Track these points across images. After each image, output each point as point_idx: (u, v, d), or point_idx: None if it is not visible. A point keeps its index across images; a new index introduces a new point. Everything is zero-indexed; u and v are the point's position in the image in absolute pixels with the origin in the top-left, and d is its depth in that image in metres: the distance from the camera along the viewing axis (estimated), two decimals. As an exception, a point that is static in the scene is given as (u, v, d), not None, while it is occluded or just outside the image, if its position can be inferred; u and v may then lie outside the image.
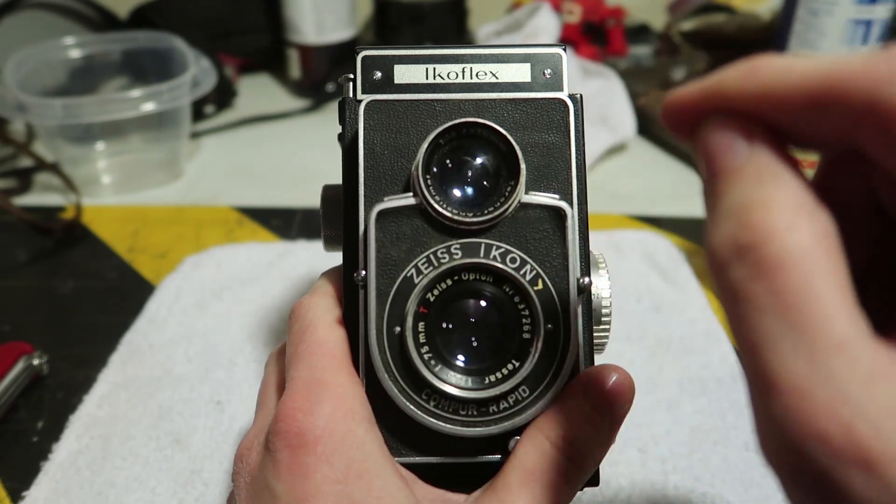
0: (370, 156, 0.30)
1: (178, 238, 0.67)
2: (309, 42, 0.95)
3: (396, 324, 0.29)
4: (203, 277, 0.60)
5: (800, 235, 0.18)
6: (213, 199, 0.74)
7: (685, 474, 0.42)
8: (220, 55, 0.94)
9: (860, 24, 0.69)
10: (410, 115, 0.31)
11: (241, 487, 0.28)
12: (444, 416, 0.28)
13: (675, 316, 0.55)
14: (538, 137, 0.31)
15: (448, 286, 0.29)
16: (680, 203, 0.73)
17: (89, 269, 0.63)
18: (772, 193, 0.19)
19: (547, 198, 0.30)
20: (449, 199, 0.29)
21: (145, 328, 0.54)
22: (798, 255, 0.17)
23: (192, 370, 0.50)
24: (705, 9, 1.00)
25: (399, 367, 0.29)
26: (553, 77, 0.32)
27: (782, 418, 0.17)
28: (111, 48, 0.82)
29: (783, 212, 0.18)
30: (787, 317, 0.17)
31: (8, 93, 0.70)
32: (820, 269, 0.17)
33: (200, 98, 0.77)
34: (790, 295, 0.17)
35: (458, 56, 0.32)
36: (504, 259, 0.29)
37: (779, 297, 0.17)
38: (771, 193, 0.19)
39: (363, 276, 0.29)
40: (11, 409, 0.47)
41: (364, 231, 0.30)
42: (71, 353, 0.52)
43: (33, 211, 0.71)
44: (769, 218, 0.18)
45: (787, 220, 0.18)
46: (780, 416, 0.17)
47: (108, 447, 0.44)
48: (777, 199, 0.18)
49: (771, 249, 0.17)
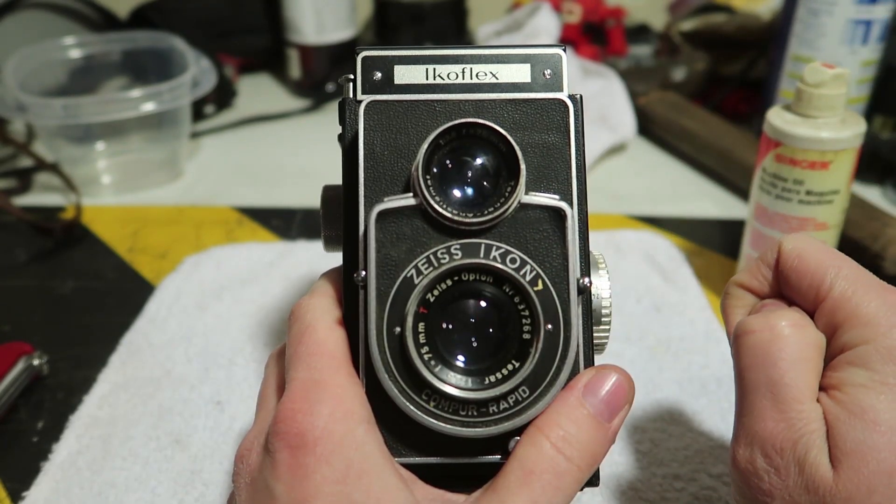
0: (370, 156, 0.30)
1: (178, 238, 0.67)
2: (309, 42, 0.95)
3: (396, 324, 0.29)
4: (203, 277, 0.60)
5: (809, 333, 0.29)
6: (213, 199, 0.74)
7: (685, 475, 0.42)
8: (220, 55, 0.94)
9: (860, 24, 0.69)
10: (410, 115, 0.31)
11: (242, 488, 0.28)
12: (444, 416, 0.28)
13: (675, 316, 0.55)
14: (538, 138, 0.31)
15: (448, 287, 0.28)
16: (680, 203, 0.73)
17: (89, 269, 0.63)
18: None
19: (547, 198, 0.30)
20: (449, 199, 0.29)
21: (145, 328, 0.54)
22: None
23: (192, 370, 0.50)
24: (705, 9, 1.00)
25: (399, 368, 0.29)
26: (553, 77, 0.32)
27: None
28: (111, 48, 0.82)
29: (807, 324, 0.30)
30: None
31: (8, 93, 0.70)
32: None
33: (200, 98, 0.77)
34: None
35: (458, 56, 0.32)
36: (504, 259, 0.29)
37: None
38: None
39: (363, 277, 0.29)
40: (11, 409, 0.47)
41: (364, 231, 0.29)
42: (71, 353, 0.52)
43: (33, 211, 0.71)
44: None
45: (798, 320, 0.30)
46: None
47: (108, 447, 0.44)
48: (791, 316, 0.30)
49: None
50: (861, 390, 0.27)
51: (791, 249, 0.32)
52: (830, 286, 0.30)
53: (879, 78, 0.74)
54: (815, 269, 0.30)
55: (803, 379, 0.28)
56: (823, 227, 0.51)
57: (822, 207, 0.50)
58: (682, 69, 0.89)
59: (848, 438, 0.26)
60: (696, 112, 0.81)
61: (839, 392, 0.28)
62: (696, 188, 0.76)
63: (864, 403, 0.26)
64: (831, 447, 0.27)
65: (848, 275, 0.30)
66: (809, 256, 0.31)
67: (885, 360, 0.27)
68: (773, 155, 0.50)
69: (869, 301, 0.28)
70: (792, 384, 0.28)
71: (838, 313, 0.29)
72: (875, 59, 0.72)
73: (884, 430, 0.26)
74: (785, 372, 0.28)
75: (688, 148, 0.80)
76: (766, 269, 0.33)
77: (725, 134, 0.76)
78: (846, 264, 0.30)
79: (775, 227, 0.51)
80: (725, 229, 0.68)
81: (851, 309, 0.29)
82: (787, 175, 0.50)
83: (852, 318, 0.28)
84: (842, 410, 0.27)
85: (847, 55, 0.70)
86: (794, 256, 0.31)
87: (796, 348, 0.29)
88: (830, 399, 0.28)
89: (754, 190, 0.53)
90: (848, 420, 0.26)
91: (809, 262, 0.31)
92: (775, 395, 0.28)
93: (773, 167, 0.50)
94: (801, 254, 0.31)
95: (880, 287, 0.29)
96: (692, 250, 0.64)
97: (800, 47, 0.72)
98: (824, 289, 0.30)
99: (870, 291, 0.29)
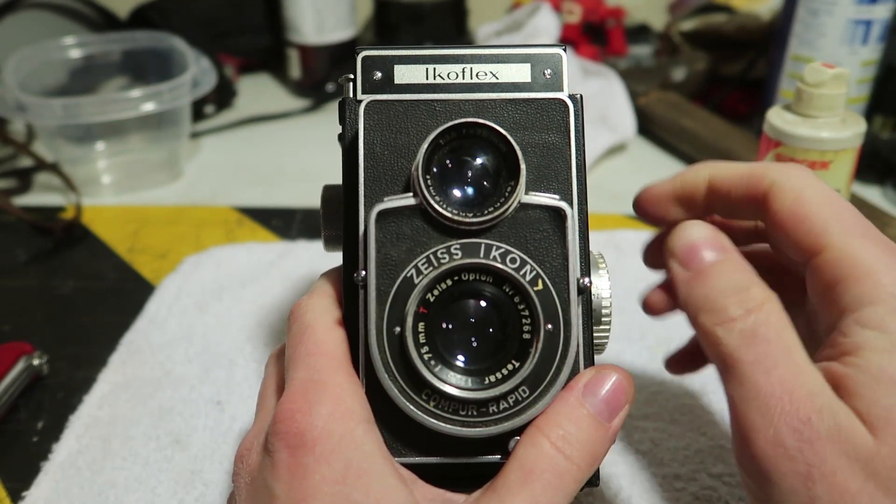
0: (370, 156, 0.30)
1: (178, 238, 0.67)
2: (309, 42, 0.95)
3: (396, 324, 0.29)
4: (203, 277, 0.60)
5: (775, 306, 0.27)
6: (212, 199, 0.74)
7: (685, 475, 0.42)
8: (220, 55, 0.94)
9: (860, 24, 0.69)
10: (410, 115, 0.31)
11: (242, 488, 0.28)
12: (444, 416, 0.28)
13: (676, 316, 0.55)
14: (538, 137, 0.31)
15: (448, 286, 0.29)
16: (680, 203, 0.73)
17: (89, 269, 0.63)
18: (753, 277, 0.28)
19: (547, 198, 0.30)
20: (449, 199, 0.29)
21: (145, 328, 0.54)
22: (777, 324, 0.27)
23: (192, 370, 0.50)
24: (705, 9, 0.99)
25: (399, 368, 0.29)
26: (553, 77, 0.32)
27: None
28: (111, 48, 0.82)
29: (763, 289, 0.28)
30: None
31: (8, 93, 0.70)
32: (788, 330, 0.27)
33: (200, 98, 0.77)
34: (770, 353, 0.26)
35: (458, 56, 0.32)
36: (504, 259, 0.29)
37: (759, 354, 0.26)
38: (753, 277, 0.28)
39: (363, 276, 0.29)
40: (11, 409, 0.47)
41: (364, 231, 0.29)
42: (71, 353, 0.52)
43: (33, 211, 0.71)
44: (757, 294, 0.27)
45: (766, 295, 0.27)
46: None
47: (108, 447, 0.44)
48: (757, 281, 0.28)
49: (761, 316, 0.27)
50: (883, 355, 0.25)
51: (791, 189, 0.29)
52: (830, 236, 0.27)
53: (879, 78, 0.74)
54: (816, 214, 0.28)
55: (800, 351, 0.26)
56: (823, 226, 0.51)
57: (822, 207, 0.50)
58: (682, 69, 0.89)
59: (880, 404, 0.24)
60: (696, 112, 0.81)
61: (855, 357, 0.25)
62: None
63: (891, 368, 0.25)
64: (861, 414, 0.25)
65: (850, 225, 0.27)
66: (810, 199, 0.28)
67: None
68: (773, 155, 0.50)
69: (876, 256, 0.26)
70: (797, 355, 0.26)
71: (839, 267, 0.27)
72: (875, 59, 0.72)
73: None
74: (780, 347, 0.26)
75: (688, 148, 0.80)
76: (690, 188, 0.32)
77: (725, 134, 0.76)
78: (848, 212, 0.28)
79: (775, 227, 0.51)
80: (725, 229, 0.68)
81: (856, 264, 0.26)
82: (787, 175, 0.50)
83: (857, 274, 0.26)
84: (866, 376, 0.25)
85: (847, 55, 0.70)
86: (793, 197, 0.28)
87: (781, 317, 0.27)
88: (845, 366, 0.26)
89: (754, 190, 0.53)
90: (876, 386, 0.25)
91: (811, 205, 0.28)
92: (778, 368, 0.26)
93: (773, 167, 0.50)
94: (800, 195, 0.28)
95: (883, 240, 0.27)
96: (692, 250, 0.64)
97: (800, 47, 0.72)
98: (823, 239, 0.27)
99: (876, 245, 0.27)
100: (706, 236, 0.29)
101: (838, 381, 0.26)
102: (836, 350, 0.27)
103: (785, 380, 0.25)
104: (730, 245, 0.29)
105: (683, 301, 0.29)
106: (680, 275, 0.29)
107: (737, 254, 0.29)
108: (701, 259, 0.28)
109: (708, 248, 0.29)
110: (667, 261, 0.30)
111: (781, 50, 0.75)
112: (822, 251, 0.27)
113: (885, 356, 0.25)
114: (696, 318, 0.28)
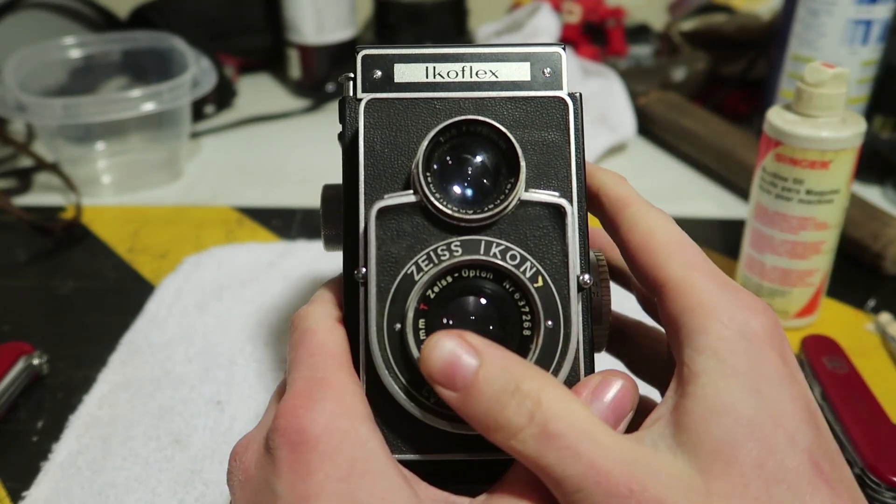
0: (370, 154, 0.30)
1: (178, 238, 0.67)
2: (309, 42, 0.95)
3: (397, 321, 0.29)
4: (203, 277, 0.60)
5: (552, 392, 0.26)
6: (212, 199, 0.74)
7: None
8: (220, 55, 0.94)
9: (860, 24, 0.69)
10: (410, 113, 0.31)
11: (236, 487, 0.28)
12: (445, 413, 0.28)
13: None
14: (538, 135, 0.31)
15: (448, 283, 0.29)
16: (680, 203, 0.73)
17: (89, 269, 0.63)
18: (518, 369, 0.26)
19: (547, 195, 0.30)
20: (449, 196, 0.29)
21: (145, 328, 0.54)
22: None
23: (192, 370, 0.50)
24: (705, 9, 1.00)
25: (400, 365, 0.29)
26: (552, 76, 0.32)
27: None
28: (111, 48, 0.82)
29: (533, 379, 0.26)
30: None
31: (8, 93, 0.70)
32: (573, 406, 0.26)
33: (200, 98, 0.77)
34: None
35: (458, 55, 0.32)
36: (504, 256, 0.29)
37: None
38: (518, 370, 0.26)
39: (363, 274, 0.29)
40: (11, 409, 0.47)
41: (364, 228, 0.30)
42: (71, 353, 0.52)
43: (33, 211, 0.71)
44: (531, 389, 0.26)
45: (539, 383, 0.26)
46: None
47: (108, 447, 0.44)
48: (523, 372, 0.26)
49: (544, 413, 0.25)
50: (719, 382, 0.25)
51: (646, 226, 0.30)
52: (672, 270, 0.28)
53: (879, 78, 0.74)
54: (662, 248, 0.29)
55: (597, 424, 0.26)
56: (823, 226, 0.51)
57: (822, 207, 0.50)
58: (682, 69, 0.89)
59: (712, 435, 0.25)
60: (696, 112, 0.81)
61: (693, 386, 0.26)
62: (696, 188, 0.76)
63: (725, 398, 0.25)
64: (693, 452, 0.25)
65: (690, 261, 0.29)
66: (658, 235, 0.30)
67: (730, 349, 0.26)
68: (773, 154, 0.50)
69: (711, 288, 0.27)
70: (595, 431, 0.26)
71: (679, 299, 0.28)
72: (875, 59, 0.72)
73: (745, 422, 0.25)
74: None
75: (688, 148, 0.80)
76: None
77: (725, 134, 0.76)
78: (691, 249, 0.29)
79: (775, 227, 0.51)
80: (725, 229, 0.68)
81: (693, 295, 0.27)
82: (787, 174, 0.50)
83: (693, 304, 0.27)
84: (700, 407, 0.25)
85: (847, 55, 0.70)
86: (646, 232, 0.30)
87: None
88: (683, 398, 0.26)
89: (754, 189, 0.53)
90: (708, 416, 0.25)
91: (658, 240, 0.29)
92: (583, 455, 0.25)
93: (773, 166, 0.50)
94: (652, 230, 0.30)
95: (720, 275, 0.29)
96: (692, 250, 0.64)
97: (800, 47, 0.72)
98: (665, 272, 0.28)
99: (712, 278, 0.28)
100: (456, 345, 0.26)
101: (678, 416, 0.26)
102: (679, 380, 0.27)
103: (594, 463, 0.24)
104: (479, 341, 0.27)
105: (467, 420, 0.27)
106: (451, 399, 0.26)
107: (492, 347, 0.27)
108: (463, 375, 0.26)
109: (462, 356, 0.26)
110: (430, 384, 0.28)
111: (781, 50, 0.75)
112: (664, 284, 0.28)
113: (719, 383, 0.25)
114: (487, 435, 0.26)
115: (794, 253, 0.52)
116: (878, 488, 0.39)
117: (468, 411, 0.26)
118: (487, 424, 0.26)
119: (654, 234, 0.30)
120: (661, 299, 0.29)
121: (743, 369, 0.26)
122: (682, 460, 0.25)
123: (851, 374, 0.46)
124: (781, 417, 0.25)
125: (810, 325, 0.55)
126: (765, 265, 0.53)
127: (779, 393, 0.26)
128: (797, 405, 0.26)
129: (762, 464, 0.24)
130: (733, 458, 0.24)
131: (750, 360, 0.26)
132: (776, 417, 0.25)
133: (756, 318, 0.27)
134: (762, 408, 0.25)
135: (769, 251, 0.52)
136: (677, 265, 0.28)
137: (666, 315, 0.28)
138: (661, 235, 0.30)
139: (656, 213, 0.31)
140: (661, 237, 0.30)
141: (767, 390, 0.25)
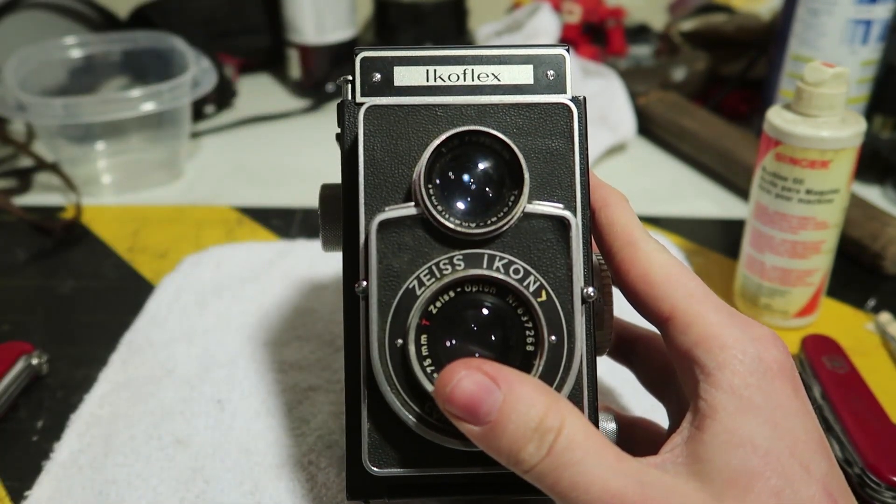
0: (370, 163, 0.30)
1: (178, 238, 0.67)
2: (309, 42, 0.95)
3: (398, 336, 0.28)
4: (203, 277, 0.60)
5: (573, 420, 0.26)
6: (212, 198, 0.74)
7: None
8: (220, 55, 0.94)
9: (860, 24, 0.69)
10: (411, 120, 0.30)
11: None
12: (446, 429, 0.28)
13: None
14: (541, 143, 0.30)
15: (451, 298, 0.28)
16: (680, 203, 0.73)
17: (89, 269, 0.63)
18: (540, 400, 0.26)
19: (551, 207, 0.29)
20: (451, 209, 0.29)
21: (145, 327, 0.54)
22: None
23: (193, 369, 0.50)
24: (705, 9, 0.99)
25: (401, 380, 0.28)
26: (556, 79, 0.31)
27: None
28: (111, 48, 0.82)
29: (556, 408, 0.26)
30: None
31: (8, 93, 0.70)
32: (593, 437, 0.26)
33: (200, 98, 0.77)
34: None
35: (459, 57, 0.31)
36: (507, 270, 0.28)
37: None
38: (540, 400, 0.26)
39: (364, 287, 0.29)
40: (11, 409, 0.47)
41: (365, 241, 0.29)
42: (71, 353, 0.52)
43: (33, 211, 0.71)
44: (553, 421, 0.26)
45: (561, 413, 0.26)
46: None
47: (109, 446, 0.44)
48: (545, 401, 0.26)
49: (562, 443, 0.25)
50: (735, 416, 0.26)
51: (645, 256, 0.30)
52: (676, 302, 0.29)
53: (879, 78, 0.74)
54: (665, 282, 0.29)
55: (611, 449, 0.27)
56: (823, 226, 0.51)
57: (821, 206, 0.50)
58: (682, 69, 0.89)
59: (729, 466, 0.25)
60: (696, 112, 0.81)
61: (711, 420, 0.27)
62: (696, 188, 0.76)
63: (742, 431, 0.26)
64: (708, 480, 0.26)
65: (693, 293, 0.29)
66: (657, 266, 0.30)
67: (745, 383, 0.27)
68: (773, 154, 0.50)
69: (721, 322, 0.28)
70: (609, 457, 0.26)
71: (690, 333, 0.28)
72: (875, 58, 0.72)
73: (762, 453, 0.25)
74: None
75: (688, 148, 0.80)
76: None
77: (725, 134, 0.76)
78: (692, 281, 0.30)
79: (775, 227, 0.51)
80: (725, 229, 0.68)
81: (705, 330, 0.28)
82: (787, 174, 0.50)
83: (706, 339, 0.28)
84: (718, 439, 0.26)
85: (847, 55, 0.70)
86: (646, 263, 0.30)
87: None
88: (700, 430, 0.27)
89: (754, 189, 0.53)
90: (725, 448, 0.26)
91: (658, 273, 0.30)
92: (596, 483, 0.26)
93: (773, 166, 0.50)
94: (651, 261, 0.30)
95: (725, 307, 0.29)
96: (692, 250, 0.64)
97: (800, 47, 0.72)
98: (668, 304, 0.29)
99: (719, 312, 0.28)
100: (478, 382, 0.26)
101: (694, 446, 0.27)
102: (696, 413, 0.28)
103: (608, 488, 0.25)
104: (499, 371, 0.26)
105: (486, 451, 0.27)
106: (473, 433, 0.26)
107: (512, 377, 0.26)
108: (487, 412, 0.25)
109: (485, 392, 0.25)
110: (448, 417, 0.27)
111: (781, 50, 0.75)
112: (671, 317, 0.29)
113: (736, 417, 0.26)
114: (508, 465, 0.26)
115: (793, 253, 0.52)
116: (878, 488, 0.39)
117: (489, 444, 0.26)
118: (508, 458, 0.26)
119: (652, 264, 0.30)
120: (669, 332, 0.29)
121: (759, 402, 0.26)
122: (697, 486, 0.26)
123: (851, 373, 0.46)
124: (796, 448, 0.26)
125: (810, 325, 0.55)
126: (765, 265, 0.53)
127: (793, 424, 0.26)
128: (810, 436, 0.27)
129: (779, 493, 0.25)
130: (750, 487, 0.25)
131: (764, 393, 0.27)
132: (791, 448, 0.26)
133: (768, 351, 0.27)
134: (778, 439, 0.26)
135: (769, 251, 0.52)
136: (681, 297, 0.29)
137: (676, 348, 0.29)
138: (660, 267, 0.30)
139: (655, 243, 0.31)
140: (660, 269, 0.30)
141: (782, 422, 0.26)
